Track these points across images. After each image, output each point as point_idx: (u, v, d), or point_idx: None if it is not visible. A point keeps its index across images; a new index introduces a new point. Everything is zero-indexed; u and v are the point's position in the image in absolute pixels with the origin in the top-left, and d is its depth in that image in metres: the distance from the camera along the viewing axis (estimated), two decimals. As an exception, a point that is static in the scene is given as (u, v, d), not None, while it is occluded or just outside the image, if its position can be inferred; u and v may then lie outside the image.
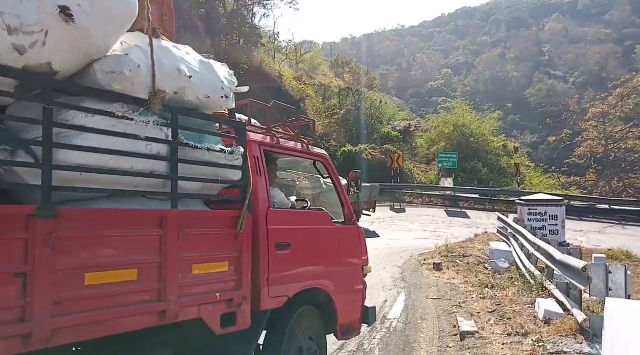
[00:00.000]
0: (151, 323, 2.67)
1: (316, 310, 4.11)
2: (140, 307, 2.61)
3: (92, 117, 2.39)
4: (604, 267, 5.20)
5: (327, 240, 4.31)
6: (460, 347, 5.73)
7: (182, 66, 2.83)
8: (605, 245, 15.16)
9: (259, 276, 3.39)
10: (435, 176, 34.23)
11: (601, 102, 44.24)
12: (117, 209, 2.60)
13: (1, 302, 2.05)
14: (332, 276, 4.20)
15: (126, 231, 2.56)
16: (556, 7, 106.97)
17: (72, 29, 2.23)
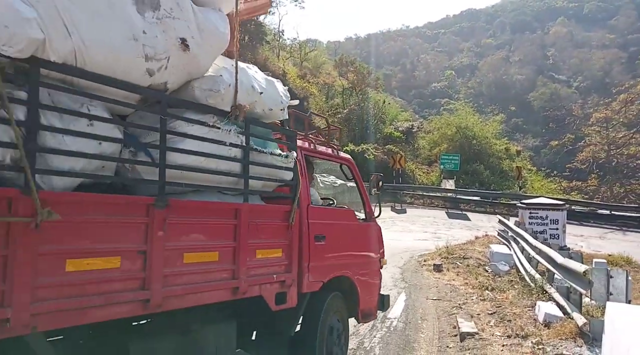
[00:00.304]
0: (227, 297, 3.25)
1: (342, 296, 4.65)
2: (220, 283, 3.18)
3: (192, 126, 2.95)
4: (605, 272, 5.24)
5: (352, 235, 4.93)
6: (460, 347, 5.76)
7: (254, 84, 3.46)
8: (606, 251, 15.18)
9: (302, 262, 3.97)
10: (436, 177, 34.20)
11: (605, 108, 44.19)
12: (207, 201, 3.15)
13: (129, 273, 2.57)
14: (355, 266, 4.83)
15: (212, 220, 3.14)
16: (561, 11, 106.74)
17: (186, 56, 2.87)
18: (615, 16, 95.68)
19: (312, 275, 4.09)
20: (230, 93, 3.18)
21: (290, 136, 4.02)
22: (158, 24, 2.72)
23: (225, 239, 3.22)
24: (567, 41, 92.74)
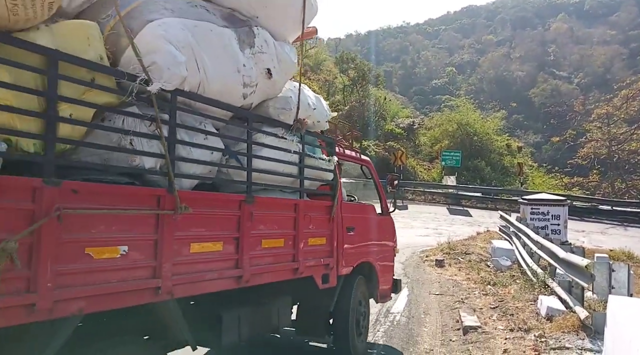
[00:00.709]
0: (289, 276, 3.98)
1: (364, 279, 5.41)
2: (286, 264, 3.90)
3: (267, 137, 3.70)
4: (607, 266, 5.28)
5: (373, 227, 5.67)
6: (463, 341, 5.81)
7: (309, 101, 4.28)
8: (607, 246, 15.22)
9: (339, 249, 4.71)
10: (438, 174, 34.26)
11: (606, 104, 44.11)
12: (277, 197, 3.91)
13: (228, 255, 3.28)
14: (376, 254, 5.64)
15: (280, 213, 3.89)
16: (562, 7, 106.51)
17: (269, 82, 3.68)
18: (616, 12, 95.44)
19: (345, 261, 4.84)
20: (294, 110, 3.98)
21: (330, 143, 4.79)
22: (252, 58, 3.50)
23: (288, 228, 3.96)
24: (568, 37, 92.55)
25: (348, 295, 5.02)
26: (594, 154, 40.10)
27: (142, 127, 2.71)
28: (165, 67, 2.71)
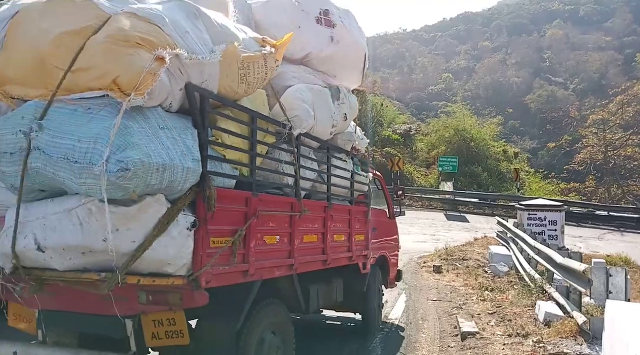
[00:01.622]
0: (347, 263, 5.35)
1: (380, 269, 6.74)
2: (345, 253, 5.28)
3: (337, 160, 5.11)
4: (604, 271, 5.27)
5: (385, 228, 7.04)
6: (461, 347, 5.80)
7: (359, 132, 5.83)
8: (604, 252, 15.25)
9: (369, 245, 5.99)
10: (435, 180, 34.27)
11: (601, 110, 44.28)
12: (342, 204, 5.19)
13: (319, 245, 4.57)
14: (387, 249, 7.05)
15: (343, 216, 5.20)
16: (558, 14, 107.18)
17: (344, 123, 5.11)
18: (611, 19, 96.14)
19: (373, 253, 6.12)
20: (353, 141, 5.45)
21: (365, 163, 6.01)
22: (338, 108, 4.86)
23: (346, 227, 5.29)
24: (563, 44, 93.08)
25: (373, 280, 6.29)
26: (590, 159, 40.20)
27: (286, 157, 3.99)
28: (304, 119, 4.12)
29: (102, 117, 2.54)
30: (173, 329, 3.13)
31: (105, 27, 2.70)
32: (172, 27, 2.82)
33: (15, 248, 2.69)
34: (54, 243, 2.63)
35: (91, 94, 2.62)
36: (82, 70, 2.63)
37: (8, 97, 2.83)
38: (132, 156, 2.42)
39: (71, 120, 2.57)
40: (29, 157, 2.58)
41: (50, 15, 2.81)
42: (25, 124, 2.62)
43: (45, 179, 2.63)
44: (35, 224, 2.67)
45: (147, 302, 2.98)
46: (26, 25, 2.84)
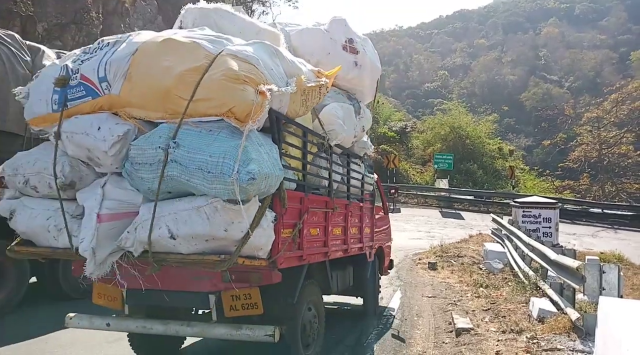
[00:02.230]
0: (358, 252, 6.12)
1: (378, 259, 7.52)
2: (358, 244, 6.05)
3: (353, 165, 5.94)
4: (597, 267, 5.33)
5: (381, 222, 7.80)
6: (455, 342, 5.82)
7: (368, 141, 6.71)
8: (598, 249, 15.36)
9: (373, 237, 6.91)
10: (430, 177, 34.37)
11: (596, 107, 44.52)
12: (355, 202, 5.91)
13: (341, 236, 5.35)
14: (383, 240, 7.87)
15: (356, 211, 5.95)
16: (553, 11, 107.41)
17: (361, 133, 5.96)
18: (606, 17, 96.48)
19: (374, 244, 7.03)
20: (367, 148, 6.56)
21: (370, 165, 6.96)
22: (358, 121, 5.69)
23: (358, 221, 6.04)
24: (558, 42, 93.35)
25: (374, 268, 7.09)
26: (584, 157, 40.43)
27: (323, 163, 4.84)
28: (339, 132, 5.00)
29: (223, 138, 3.35)
30: (249, 301, 3.88)
31: (214, 65, 3.43)
32: (263, 65, 3.58)
33: (151, 236, 3.39)
34: (185, 232, 3.35)
35: (209, 118, 3.44)
36: (201, 100, 3.40)
37: (130, 117, 3.64)
38: (254, 168, 3.19)
39: (199, 139, 3.36)
40: (166, 167, 3.34)
41: (167, 54, 3.57)
42: (162, 141, 3.39)
43: (177, 183, 3.39)
44: (168, 218, 3.39)
45: (229, 280, 3.69)
46: (148, 61, 3.60)
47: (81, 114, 3.75)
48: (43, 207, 3.87)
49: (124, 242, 3.50)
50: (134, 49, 3.65)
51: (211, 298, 4.00)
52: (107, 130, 3.58)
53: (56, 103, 3.81)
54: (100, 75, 3.68)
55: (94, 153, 3.65)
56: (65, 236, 3.70)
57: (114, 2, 17.77)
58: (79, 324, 4.40)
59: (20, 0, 12.08)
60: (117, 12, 17.92)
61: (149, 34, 3.91)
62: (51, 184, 3.77)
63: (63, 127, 3.77)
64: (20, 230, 4.02)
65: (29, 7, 12.32)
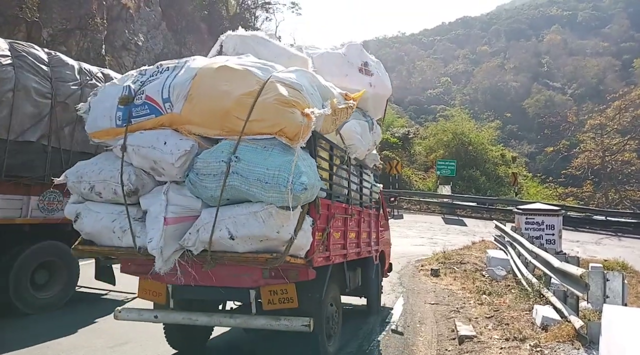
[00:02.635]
0: (368, 255, 6.67)
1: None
2: (367, 248, 6.60)
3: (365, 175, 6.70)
4: (601, 275, 5.27)
5: (384, 228, 8.30)
6: (458, 350, 5.79)
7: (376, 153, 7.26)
8: (601, 256, 15.27)
9: (378, 241, 7.43)
10: (433, 183, 34.34)
11: (599, 114, 44.42)
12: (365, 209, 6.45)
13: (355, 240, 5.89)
14: (385, 244, 8.39)
15: (365, 218, 6.40)
16: (556, 19, 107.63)
17: (373, 146, 6.70)
18: (609, 24, 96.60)
19: (378, 248, 7.56)
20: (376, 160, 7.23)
21: (377, 175, 7.61)
22: (372, 136, 6.38)
23: (367, 226, 6.60)
24: (561, 49, 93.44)
25: (377, 270, 7.51)
26: (587, 164, 40.33)
27: (343, 174, 5.47)
28: (358, 147, 5.73)
29: (276, 153, 3.91)
30: (285, 296, 4.39)
31: (264, 90, 3.98)
32: (305, 91, 4.13)
33: (212, 237, 3.89)
34: (242, 234, 3.87)
35: (263, 136, 3.99)
36: (256, 120, 3.95)
37: (190, 133, 4.19)
38: (305, 180, 3.77)
39: (256, 154, 3.91)
40: (228, 178, 3.86)
41: (223, 79, 4.11)
42: (225, 156, 3.93)
43: (236, 192, 3.91)
44: (228, 221, 3.90)
45: (268, 276, 4.37)
46: (206, 85, 4.13)
47: (144, 130, 4.26)
48: (107, 211, 4.34)
49: (187, 242, 4.01)
50: (193, 74, 4.19)
51: (251, 293, 4.57)
52: (173, 145, 4.08)
53: (120, 119, 4.35)
54: (164, 96, 4.20)
55: (159, 164, 4.16)
56: (129, 237, 4.17)
57: (118, 8, 17.88)
58: (127, 316, 4.91)
59: (26, 6, 12.15)
60: (122, 17, 18.04)
61: (203, 60, 4.49)
62: (117, 190, 4.26)
63: (128, 141, 4.27)
64: (85, 231, 4.47)
65: (35, 13, 12.41)
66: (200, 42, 24.64)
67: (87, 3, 14.58)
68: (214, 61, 4.40)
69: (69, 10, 13.80)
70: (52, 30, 13.17)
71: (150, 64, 5.32)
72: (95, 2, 15.12)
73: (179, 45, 22.42)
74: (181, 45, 22.65)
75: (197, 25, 25.00)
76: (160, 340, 5.92)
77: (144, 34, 19.39)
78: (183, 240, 4.02)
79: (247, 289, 4.55)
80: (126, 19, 18.26)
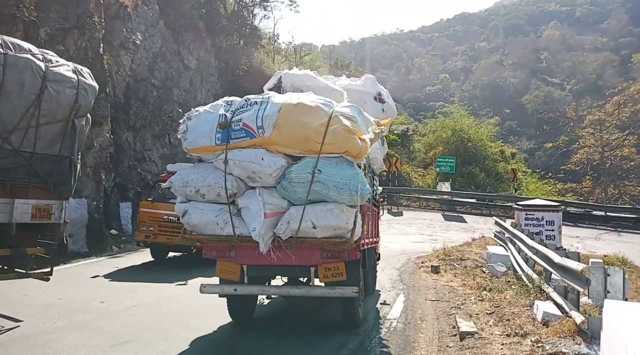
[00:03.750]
0: (373, 245, 8.24)
1: None
2: (373, 239, 8.03)
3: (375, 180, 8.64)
4: (602, 270, 5.26)
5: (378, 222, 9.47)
6: (460, 346, 5.79)
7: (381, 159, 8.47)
8: (601, 252, 15.29)
9: (378, 233, 9.08)
10: (432, 180, 34.30)
11: (598, 110, 44.37)
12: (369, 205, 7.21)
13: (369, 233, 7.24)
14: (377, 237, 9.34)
15: (374, 214, 8.60)
16: (554, 14, 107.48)
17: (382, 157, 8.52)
18: (607, 20, 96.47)
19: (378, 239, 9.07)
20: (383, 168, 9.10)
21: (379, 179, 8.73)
22: (383, 149, 8.43)
23: (374, 221, 8.08)
24: (560, 44, 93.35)
25: (374, 256, 8.85)
26: (586, 159, 40.28)
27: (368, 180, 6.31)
28: (379, 160, 7.97)
29: (345, 167, 5.57)
30: (337, 271, 5.85)
31: (332, 121, 5.58)
32: (359, 121, 5.78)
33: (300, 226, 5.50)
34: (322, 224, 5.52)
35: (334, 155, 5.62)
36: (329, 144, 5.55)
37: (278, 152, 5.69)
38: (367, 188, 5.57)
39: (331, 168, 5.53)
40: (312, 185, 5.47)
41: (301, 113, 5.67)
42: (310, 169, 5.52)
43: (317, 195, 5.54)
44: (311, 215, 5.51)
45: (325, 257, 5.89)
46: (290, 116, 5.65)
47: (241, 148, 5.69)
48: (210, 209, 5.80)
49: (279, 230, 5.60)
50: (278, 108, 5.70)
51: (311, 269, 5.99)
52: (270, 161, 5.60)
53: (219, 139, 5.75)
54: (258, 124, 5.65)
55: (257, 174, 5.62)
56: (229, 227, 5.69)
57: (116, 7, 17.81)
58: (212, 290, 6.21)
59: (23, 5, 12.10)
60: (119, 16, 17.97)
61: (281, 96, 6.09)
62: (220, 193, 5.70)
63: (229, 156, 5.69)
64: (192, 224, 5.93)
65: (32, 12, 12.34)
66: (198, 40, 24.57)
67: (85, 2, 14.50)
68: (290, 98, 5.95)
69: (67, 9, 13.73)
70: (50, 30, 13.11)
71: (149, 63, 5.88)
72: (93, 1, 15.04)
73: (176, 44, 22.35)
74: (179, 43, 22.58)
75: (195, 23, 24.90)
76: (161, 339, 5.93)
77: (141, 33, 19.32)
78: (277, 229, 5.58)
79: (308, 267, 5.98)
80: (124, 17, 18.18)
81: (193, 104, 22.34)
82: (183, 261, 12.09)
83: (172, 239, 10.96)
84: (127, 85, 18.14)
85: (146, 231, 11.71)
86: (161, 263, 12.30)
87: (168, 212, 11.01)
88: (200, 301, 7.51)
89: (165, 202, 11.41)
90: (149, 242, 11.83)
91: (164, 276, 10.36)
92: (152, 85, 19.48)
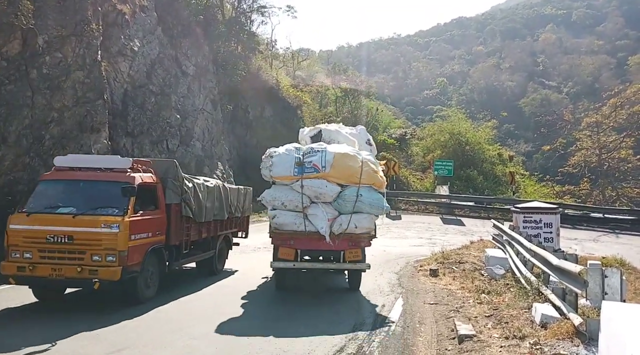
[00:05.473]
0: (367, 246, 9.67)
1: None
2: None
3: None
4: (599, 272, 5.28)
5: None
6: (458, 350, 5.79)
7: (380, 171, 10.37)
8: (599, 254, 15.27)
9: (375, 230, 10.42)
10: (430, 184, 34.37)
11: (595, 112, 44.51)
12: None
13: None
14: None
15: None
16: (550, 18, 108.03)
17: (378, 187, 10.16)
18: (603, 23, 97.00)
19: None
20: None
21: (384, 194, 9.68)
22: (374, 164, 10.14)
23: None
24: (556, 47, 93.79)
25: None
26: (584, 162, 40.38)
27: None
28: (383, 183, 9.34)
29: (374, 192, 9.06)
30: (357, 254, 8.97)
31: (364, 165, 8.92)
32: (376, 163, 9.46)
33: (349, 226, 8.73)
34: (361, 225, 8.85)
35: (367, 185, 8.96)
36: (364, 178, 8.87)
37: (334, 182, 8.80)
38: (387, 205, 9.20)
39: (367, 193, 8.91)
40: (356, 203, 8.78)
41: (347, 159, 8.89)
42: (354, 193, 8.82)
43: (358, 209, 8.80)
44: (354, 220, 8.78)
45: (350, 246, 8.90)
46: (340, 161, 8.82)
47: (310, 179, 8.67)
48: (290, 214, 8.80)
49: (334, 229, 8.73)
50: (333, 155, 8.80)
51: (341, 253, 8.91)
52: (332, 188, 8.76)
53: (296, 172, 8.70)
54: (322, 165, 8.71)
55: (322, 196, 8.73)
56: (302, 226, 8.71)
57: (114, 14, 17.85)
58: (277, 265, 8.96)
59: (21, 13, 12.13)
60: (117, 23, 18.00)
61: (333, 147, 9.14)
62: (298, 205, 8.70)
63: (303, 183, 8.67)
64: (279, 223, 8.82)
65: (30, 20, 12.37)
66: (196, 46, 24.59)
67: (83, 9, 14.54)
68: (339, 149, 9.04)
69: (65, 16, 13.76)
70: (48, 37, 13.13)
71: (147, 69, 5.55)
72: (91, 9, 15.09)
73: (174, 50, 22.37)
74: (177, 49, 22.59)
75: (193, 29, 24.91)
76: (158, 347, 5.92)
77: (139, 40, 19.36)
78: (333, 228, 8.71)
79: (339, 251, 8.89)
80: (122, 24, 18.22)
81: (191, 110, 22.39)
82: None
83: (61, 269, 7.22)
84: (125, 91, 18.15)
85: (19, 259, 7.36)
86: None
87: (55, 228, 7.31)
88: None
89: (49, 214, 7.54)
90: (25, 277, 7.39)
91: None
92: (150, 92, 19.48)
